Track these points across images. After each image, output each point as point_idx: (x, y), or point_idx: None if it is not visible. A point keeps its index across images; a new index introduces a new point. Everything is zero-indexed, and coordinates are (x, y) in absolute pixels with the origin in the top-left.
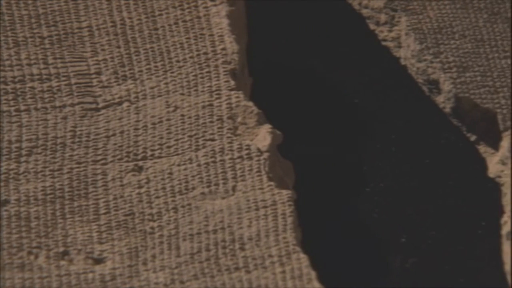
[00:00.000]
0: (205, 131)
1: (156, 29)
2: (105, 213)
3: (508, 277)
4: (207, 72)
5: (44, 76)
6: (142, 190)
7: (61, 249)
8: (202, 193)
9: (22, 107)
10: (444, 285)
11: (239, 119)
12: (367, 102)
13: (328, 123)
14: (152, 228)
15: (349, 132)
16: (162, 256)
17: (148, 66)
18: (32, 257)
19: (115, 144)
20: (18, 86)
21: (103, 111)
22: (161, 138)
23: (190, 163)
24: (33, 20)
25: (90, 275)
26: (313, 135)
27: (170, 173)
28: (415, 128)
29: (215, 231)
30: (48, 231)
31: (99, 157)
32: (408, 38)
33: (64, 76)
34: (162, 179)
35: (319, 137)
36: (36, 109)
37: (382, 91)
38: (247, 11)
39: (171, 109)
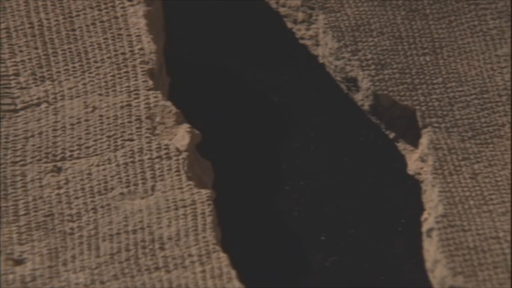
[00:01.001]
0: (123, 131)
1: (74, 30)
2: (24, 214)
3: (430, 275)
4: (125, 72)
5: None
6: (61, 191)
7: None
8: (121, 193)
9: None
10: (364, 283)
11: (157, 119)
12: (285, 100)
13: (246, 121)
14: (72, 228)
15: (267, 130)
16: (82, 256)
17: (66, 67)
18: None
19: (33, 145)
20: None
21: (21, 112)
22: (80, 138)
23: (109, 163)
24: None
25: (11, 276)
26: (232, 134)
27: (89, 174)
28: (334, 126)
29: (134, 231)
30: None
31: (18, 158)
32: (325, 36)
33: None
34: (81, 179)
35: (238, 136)
36: None
37: (300, 90)
38: (164, 11)
39: (90, 109)
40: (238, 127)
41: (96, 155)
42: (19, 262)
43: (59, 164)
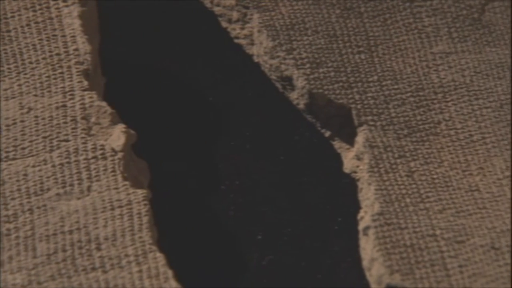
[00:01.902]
0: (59, 132)
1: (9, 31)
2: None
3: (367, 273)
4: (60, 73)
5: None
6: None
7: None
8: (57, 194)
9: None
10: (301, 282)
11: (93, 120)
12: (221, 99)
13: (182, 121)
14: (8, 229)
15: (203, 130)
16: (19, 257)
17: (1, 68)
18: None
19: None
20: None
21: None
22: (16, 139)
23: (45, 164)
24: None
25: None
26: (167, 134)
27: (25, 175)
28: (270, 125)
29: (71, 232)
30: None
31: None
32: (260, 35)
33: None
34: (17, 180)
35: (173, 136)
36: None
37: (236, 89)
38: (99, 11)
39: (25, 110)
40: (174, 127)
41: (32, 156)
42: None
43: None
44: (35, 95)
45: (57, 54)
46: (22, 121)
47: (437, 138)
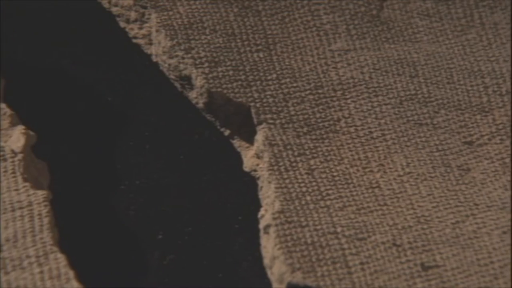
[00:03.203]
0: None
1: None
2: None
3: (268, 271)
4: None
5: None
6: None
7: None
8: None
9: None
10: (203, 281)
11: None
12: (120, 99)
13: (81, 121)
14: None
15: (102, 130)
16: None
17: None
18: None
19: None
20: None
21: None
22: None
23: None
24: None
25: None
26: (67, 135)
27: None
28: (169, 124)
29: None
30: None
31: None
32: (159, 35)
33: None
34: None
35: (73, 136)
36: None
37: (135, 89)
38: None
39: None
40: (73, 127)
41: None
42: None
43: None
44: None
45: None
46: None
47: (337, 135)
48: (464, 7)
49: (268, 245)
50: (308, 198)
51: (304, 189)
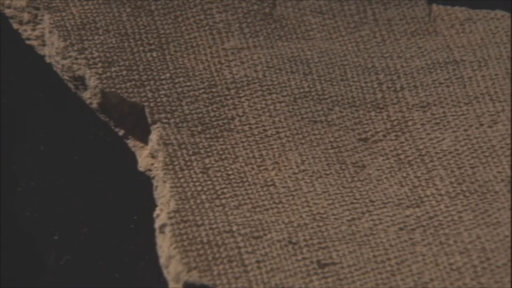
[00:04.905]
0: None
1: None
2: None
3: (164, 271)
4: None
5: None
6: None
7: None
8: None
9: None
10: (99, 281)
11: None
12: (14, 101)
13: None
14: None
15: None
16: None
17: None
18: None
19: None
20: None
21: None
22: None
23: None
24: None
25: None
26: None
27: None
28: (63, 125)
29: None
30: None
31: None
32: (52, 36)
33: None
34: None
35: None
36: None
37: (29, 90)
38: None
39: None
40: None
41: None
42: None
43: None
44: None
45: None
46: None
47: (231, 134)
48: (357, 3)
49: (164, 245)
50: (204, 197)
51: (199, 188)
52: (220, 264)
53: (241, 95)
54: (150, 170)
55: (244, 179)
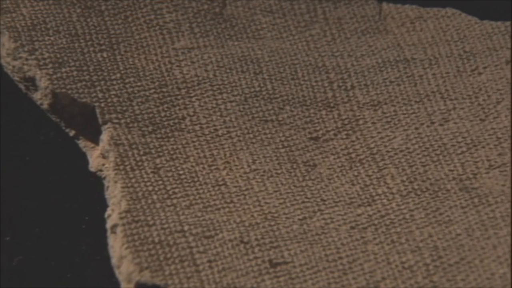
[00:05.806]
0: None
1: None
2: None
3: (116, 271)
4: None
5: None
6: None
7: None
8: None
9: None
10: (51, 282)
11: None
12: None
13: None
14: None
15: None
16: None
17: None
18: None
19: None
20: None
21: None
22: None
23: None
24: None
25: None
26: None
27: None
28: (14, 126)
29: None
30: None
31: None
32: (2, 37)
33: None
34: None
35: None
36: None
37: None
38: None
39: None
40: None
41: None
42: None
43: None
44: None
45: None
46: None
47: (182, 133)
48: (307, 2)
49: (116, 245)
50: (155, 197)
51: (150, 188)
52: (172, 264)
53: (192, 95)
54: (101, 170)
55: (195, 179)
